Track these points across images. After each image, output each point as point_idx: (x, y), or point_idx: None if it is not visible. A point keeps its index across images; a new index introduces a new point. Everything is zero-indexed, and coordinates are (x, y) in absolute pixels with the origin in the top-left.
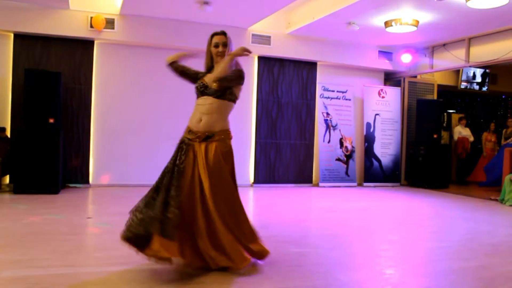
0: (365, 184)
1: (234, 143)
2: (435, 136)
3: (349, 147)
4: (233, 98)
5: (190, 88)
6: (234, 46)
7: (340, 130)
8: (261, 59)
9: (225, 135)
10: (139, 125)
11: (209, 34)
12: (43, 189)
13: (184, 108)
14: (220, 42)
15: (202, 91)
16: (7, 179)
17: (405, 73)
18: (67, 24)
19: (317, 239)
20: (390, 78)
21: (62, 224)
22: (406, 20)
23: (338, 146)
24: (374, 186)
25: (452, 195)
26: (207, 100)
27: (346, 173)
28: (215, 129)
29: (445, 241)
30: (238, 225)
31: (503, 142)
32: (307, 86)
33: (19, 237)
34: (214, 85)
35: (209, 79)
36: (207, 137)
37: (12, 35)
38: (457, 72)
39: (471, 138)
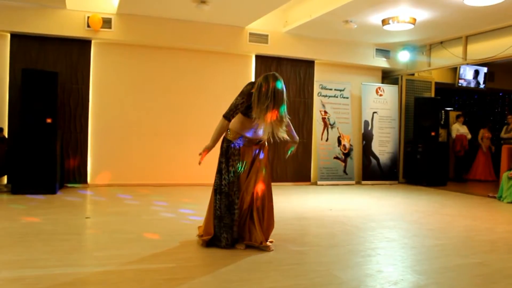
0: (363, 182)
1: None
2: (433, 133)
3: (347, 145)
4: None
5: (186, 87)
6: (232, 46)
7: (338, 128)
8: (259, 57)
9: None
10: (136, 124)
11: (206, 33)
12: (41, 189)
13: (180, 107)
14: None
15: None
16: (5, 179)
17: (403, 71)
18: (64, 24)
19: (316, 237)
20: (388, 76)
21: (61, 224)
22: (403, 18)
23: (336, 144)
24: (372, 184)
25: (450, 192)
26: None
27: (344, 171)
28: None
29: (443, 238)
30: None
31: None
32: (304, 85)
33: (17, 237)
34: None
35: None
36: (258, 142)
37: (8, 35)
38: (454, 69)
39: (469, 136)
